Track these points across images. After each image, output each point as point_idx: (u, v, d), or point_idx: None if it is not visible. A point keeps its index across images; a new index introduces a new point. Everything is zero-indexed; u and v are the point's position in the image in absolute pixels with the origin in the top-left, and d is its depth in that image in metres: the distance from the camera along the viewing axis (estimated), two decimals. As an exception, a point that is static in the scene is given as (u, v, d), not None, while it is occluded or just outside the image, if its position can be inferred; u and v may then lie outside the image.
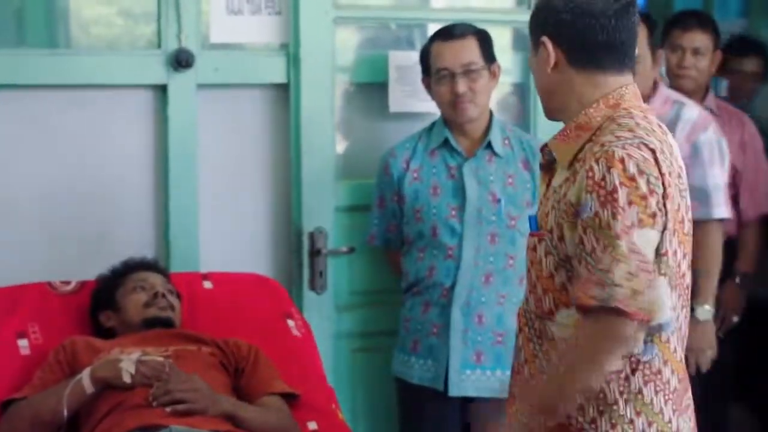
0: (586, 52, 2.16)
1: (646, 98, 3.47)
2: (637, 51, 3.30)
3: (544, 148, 2.26)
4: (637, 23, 2.21)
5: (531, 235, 2.22)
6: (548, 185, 2.23)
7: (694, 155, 3.45)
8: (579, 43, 2.15)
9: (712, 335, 3.58)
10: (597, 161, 2.06)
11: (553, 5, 2.17)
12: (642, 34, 3.38)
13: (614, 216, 2.01)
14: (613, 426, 2.14)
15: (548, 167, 2.25)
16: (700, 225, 3.45)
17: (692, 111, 3.53)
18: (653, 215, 2.03)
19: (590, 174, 2.06)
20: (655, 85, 3.55)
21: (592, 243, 2.04)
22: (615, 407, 2.13)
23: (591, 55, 2.16)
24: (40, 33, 3.54)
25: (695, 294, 3.43)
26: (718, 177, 3.51)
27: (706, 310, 3.53)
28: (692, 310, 3.44)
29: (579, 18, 2.14)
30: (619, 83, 2.18)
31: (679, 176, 2.17)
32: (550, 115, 2.28)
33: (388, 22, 3.81)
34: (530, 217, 2.24)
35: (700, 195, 3.43)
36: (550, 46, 2.17)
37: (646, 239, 2.03)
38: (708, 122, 3.53)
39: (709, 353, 3.56)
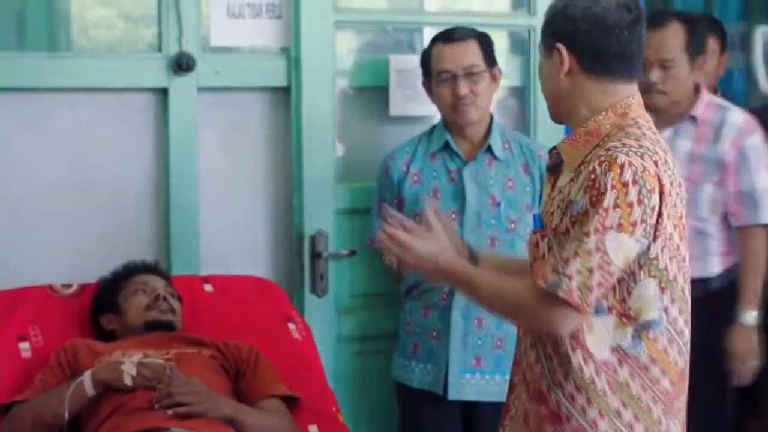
0: (598, 60, 2.24)
1: (686, 103, 3.46)
2: (671, 55, 3.33)
3: (552, 150, 2.34)
4: (645, 35, 2.29)
5: (535, 232, 2.29)
6: (553, 186, 2.31)
7: (741, 160, 3.42)
8: (593, 52, 2.24)
9: (756, 343, 3.45)
10: (600, 164, 2.14)
11: (570, 14, 2.24)
12: (678, 38, 3.39)
13: (594, 214, 2.11)
14: (601, 415, 2.22)
15: (554, 169, 2.33)
16: (746, 230, 3.44)
17: (737, 116, 3.48)
18: (634, 224, 2.12)
19: (592, 176, 2.14)
20: (697, 90, 3.50)
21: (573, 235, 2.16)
22: (603, 396, 2.22)
23: (603, 64, 2.25)
24: (41, 36, 3.55)
25: (740, 299, 3.42)
26: (765, 181, 3.45)
27: (752, 316, 3.43)
28: (737, 315, 3.43)
29: (594, 28, 2.23)
30: (626, 92, 2.27)
31: (680, 185, 2.25)
32: (557, 119, 2.36)
33: (389, 26, 3.82)
34: (534, 215, 2.31)
35: (747, 200, 3.43)
36: (564, 52, 2.25)
37: (618, 243, 2.12)
38: (753, 127, 3.48)
39: (752, 363, 3.46)
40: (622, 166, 2.12)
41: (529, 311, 2.21)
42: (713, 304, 3.37)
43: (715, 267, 3.48)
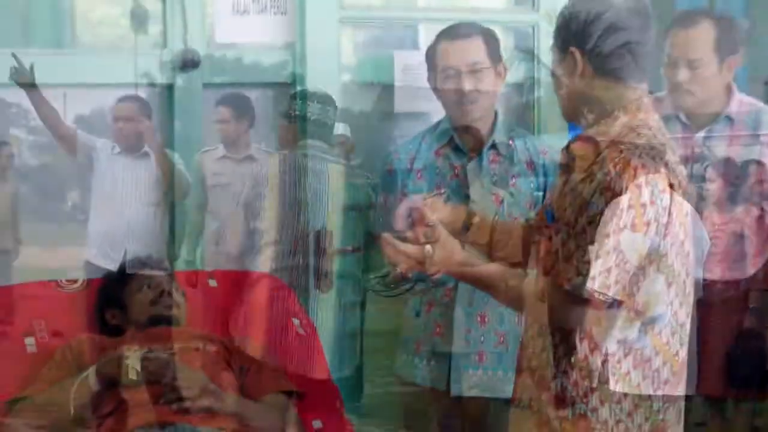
0: (610, 63, 2.33)
1: (717, 104, 3.42)
2: (698, 55, 3.32)
3: (565, 149, 2.40)
4: (652, 37, 2.37)
5: (547, 226, 2.36)
6: (565, 183, 2.37)
7: None
8: (605, 55, 2.32)
9: None
10: (615, 166, 2.22)
11: (583, 19, 2.33)
12: (707, 38, 3.35)
13: (612, 216, 2.20)
14: (602, 403, 2.30)
15: (566, 167, 2.39)
16: None
17: None
18: (647, 223, 2.22)
19: (607, 178, 2.22)
20: (728, 90, 3.45)
21: (590, 236, 2.23)
22: (606, 385, 2.29)
23: (615, 67, 2.33)
24: (47, 33, 3.56)
25: None
26: None
27: None
28: None
29: (607, 31, 2.31)
30: (637, 94, 2.36)
31: (687, 185, 2.34)
32: (570, 119, 2.44)
33: (394, 22, 3.83)
34: (547, 211, 2.39)
35: None
36: (578, 55, 2.33)
37: (632, 241, 2.21)
38: None
39: None
40: (635, 168, 2.20)
41: (551, 310, 2.30)
42: (746, 305, 3.38)
43: (749, 268, 3.48)
